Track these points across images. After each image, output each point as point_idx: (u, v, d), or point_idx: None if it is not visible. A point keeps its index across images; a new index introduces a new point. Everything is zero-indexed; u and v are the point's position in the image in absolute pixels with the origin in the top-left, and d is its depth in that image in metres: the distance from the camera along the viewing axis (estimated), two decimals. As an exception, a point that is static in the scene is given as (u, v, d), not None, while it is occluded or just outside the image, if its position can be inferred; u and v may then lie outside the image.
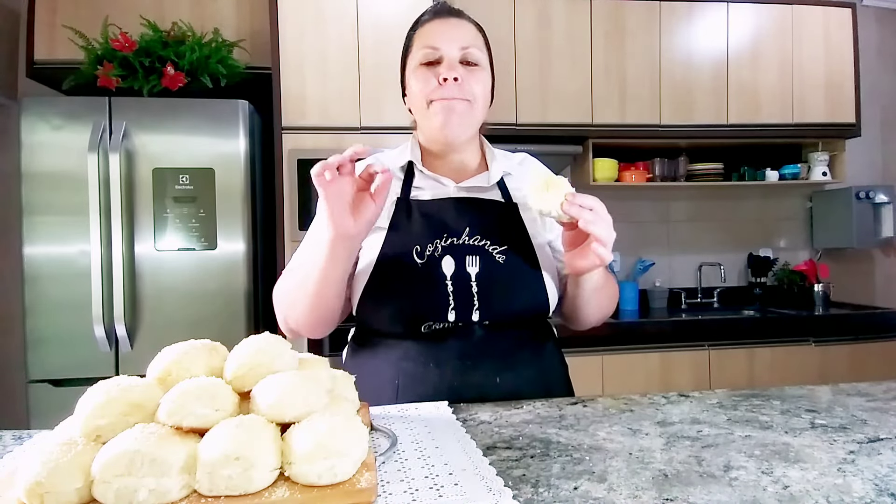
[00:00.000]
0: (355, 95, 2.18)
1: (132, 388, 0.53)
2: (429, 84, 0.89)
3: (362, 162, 0.76)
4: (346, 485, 0.48)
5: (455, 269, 0.88)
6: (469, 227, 0.91)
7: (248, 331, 2.05)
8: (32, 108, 1.94)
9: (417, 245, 0.89)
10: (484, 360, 0.88)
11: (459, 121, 0.90)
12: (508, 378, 0.89)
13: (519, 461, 0.59)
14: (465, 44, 0.90)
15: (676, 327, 2.46)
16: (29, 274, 1.93)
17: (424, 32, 0.92)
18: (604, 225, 0.77)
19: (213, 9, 2.30)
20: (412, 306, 0.88)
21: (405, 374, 0.89)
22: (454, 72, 0.88)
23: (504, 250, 0.91)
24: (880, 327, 2.55)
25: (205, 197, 2.02)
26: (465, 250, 0.89)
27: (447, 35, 0.90)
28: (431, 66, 0.90)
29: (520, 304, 0.90)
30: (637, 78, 2.60)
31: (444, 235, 0.90)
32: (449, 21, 0.92)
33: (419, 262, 0.88)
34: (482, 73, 0.92)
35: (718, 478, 0.55)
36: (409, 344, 0.90)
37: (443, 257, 0.88)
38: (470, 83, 0.89)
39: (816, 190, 3.08)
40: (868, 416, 0.74)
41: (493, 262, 0.90)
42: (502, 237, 0.91)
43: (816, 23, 2.73)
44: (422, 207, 0.92)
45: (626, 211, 2.98)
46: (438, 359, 0.88)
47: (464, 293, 0.88)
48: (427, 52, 0.90)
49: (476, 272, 0.88)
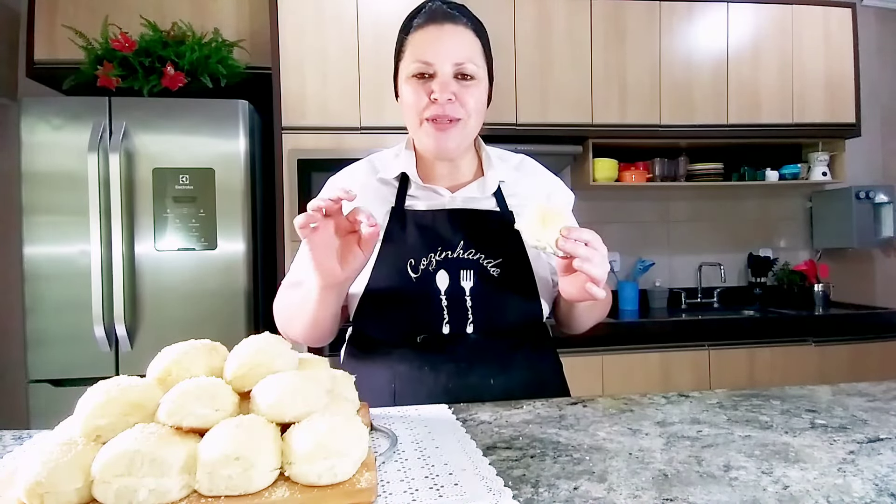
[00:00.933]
0: (355, 95, 2.18)
1: (132, 388, 0.53)
2: (420, 100, 0.86)
3: (349, 204, 0.73)
4: (346, 485, 0.48)
5: (449, 283, 0.88)
6: (463, 241, 0.90)
7: (248, 331, 2.05)
8: (32, 108, 1.94)
9: (412, 258, 0.88)
10: (478, 363, 0.89)
11: (451, 141, 0.87)
12: (502, 381, 0.89)
13: (519, 461, 0.59)
14: (459, 59, 0.85)
15: (676, 327, 2.46)
16: (29, 274, 1.93)
17: (418, 41, 0.87)
18: (598, 262, 0.74)
19: (213, 9, 2.30)
20: (407, 320, 0.88)
21: (401, 378, 0.89)
22: (447, 91, 0.84)
23: (498, 263, 0.90)
24: (880, 327, 2.55)
25: (205, 197, 2.02)
26: (459, 264, 0.89)
27: (441, 48, 0.85)
28: (423, 80, 0.86)
29: (514, 316, 0.91)
30: (637, 78, 2.59)
31: (439, 249, 0.89)
32: (444, 29, 0.86)
33: (413, 276, 0.88)
34: (477, 87, 0.88)
35: (718, 478, 0.55)
36: (404, 350, 0.90)
37: (437, 272, 0.88)
38: (464, 98, 0.86)
39: (816, 190, 3.08)
40: (868, 416, 0.74)
41: (488, 276, 0.89)
42: (497, 250, 0.90)
43: (816, 23, 2.73)
44: (416, 218, 0.91)
45: (626, 211, 2.98)
46: (433, 362, 0.89)
47: (458, 307, 0.88)
48: (419, 65, 0.86)
49: (470, 286, 0.88)
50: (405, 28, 0.91)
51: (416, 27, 0.88)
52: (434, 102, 0.85)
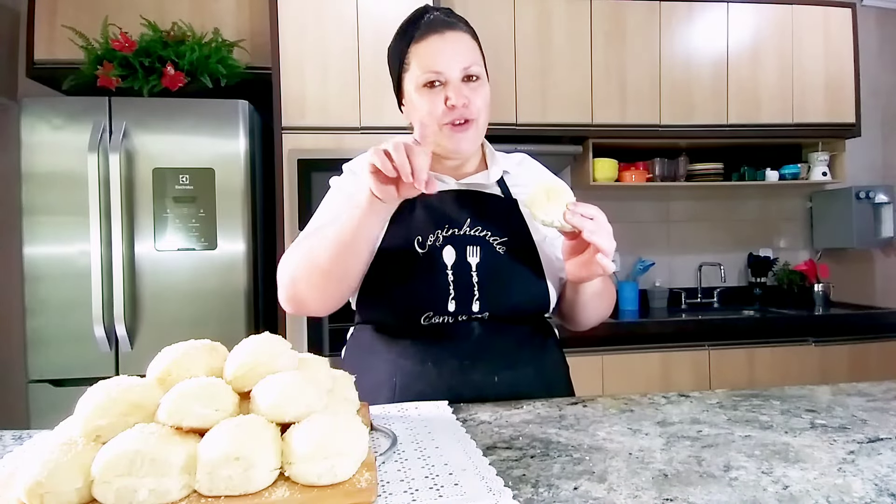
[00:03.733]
0: (355, 95, 2.18)
1: (132, 388, 0.53)
2: (437, 107, 0.89)
3: None
4: (346, 485, 0.48)
5: (456, 258, 0.90)
6: (470, 219, 0.92)
7: (248, 331, 2.05)
8: (32, 108, 1.94)
9: (419, 235, 0.90)
10: (482, 359, 0.89)
11: (469, 141, 0.92)
12: (507, 377, 0.89)
13: (519, 461, 0.60)
14: (466, 63, 0.89)
15: (676, 327, 2.46)
16: (29, 274, 1.93)
17: (423, 52, 0.90)
18: (605, 235, 0.77)
19: (213, 9, 2.30)
20: (412, 295, 0.89)
21: (403, 373, 0.89)
22: (461, 97, 0.88)
23: (504, 241, 0.92)
24: (880, 327, 2.55)
25: (205, 197, 2.02)
26: (466, 241, 0.91)
27: (447, 55, 0.89)
28: (434, 88, 0.90)
29: (519, 296, 0.91)
30: (637, 78, 2.59)
31: (446, 226, 0.91)
32: (445, 37, 0.90)
33: (420, 251, 0.89)
34: (483, 87, 0.92)
35: (718, 478, 0.55)
36: (407, 342, 0.90)
37: (444, 247, 0.90)
38: (474, 99, 0.90)
39: (816, 190, 3.08)
40: (868, 416, 0.74)
41: (494, 252, 0.91)
42: (503, 229, 0.93)
43: (816, 23, 2.73)
44: (423, 200, 0.93)
45: (626, 211, 2.98)
46: (436, 358, 0.89)
47: (464, 283, 0.89)
48: (430, 75, 0.89)
49: (477, 262, 0.90)
50: (405, 39, 0.93)
51: (418, 38, 0.91)
52: (451, 109, 0.89)
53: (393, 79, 0.98)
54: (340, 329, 0.98)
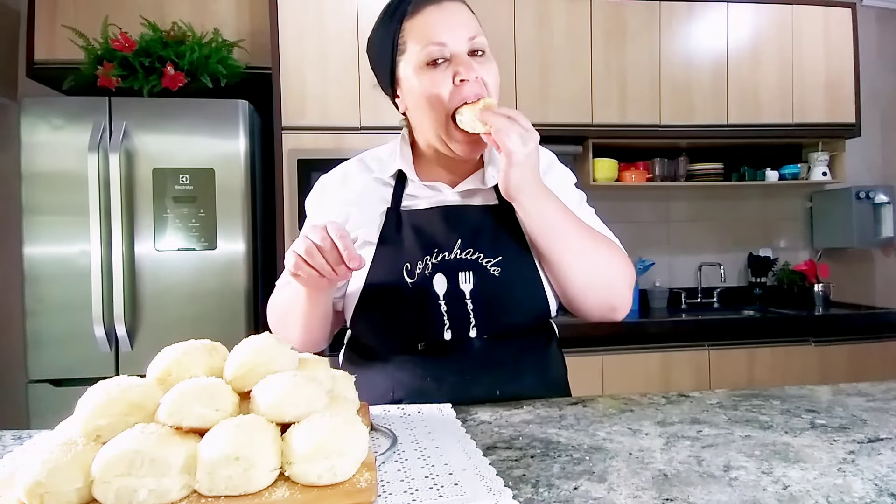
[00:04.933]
0: (355, 95, 2.18)
1: (132, 388, 0.53)
2: (444, 87, 0.78)
3: (334, 226, 0.69)
4: (346, 485, 0.48)
5: (448, 287, 0.83)
6: (461, 240, 0.84)
7: (248, 331, 2.05)
8: (32, 108, 1.94)
9: (407, 263, 0.83)
10: (484, 373, 0.85)
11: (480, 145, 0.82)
12: (510, 388, 0.86)
13: (519, 461, 0.59)
14: (472, 33, 0.79)
15: (676, 327, 2.46)
16: (29, 274, 1.93)
17: (421, 24, 0.79)
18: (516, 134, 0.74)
19: (213, 9, 2.30)
20: (405, 327, 0.85)
21: (402, 387, 0.86)
22: (472, 70, 0.78)
23: (499, 262, 0.84)
24: (880, 327, 2.55)
25: (205, 197, 2.02)
26: (457, 266, 0.83)
27: (450, 25, 0.78)
28: (438, 66, 0.79)
29: (518, 316, 0.87)
30: (637, 78, 2.59)
31: (435, 251, 0.83)
32: (444, 6, 0.79)
33: (409, 281, 0.83)
34: (491, 63, 0.82)
35: (718, 478, 0.55)
36: (404, 357, 0.87)
37: (434, 275, 0.83)
38: (485, 77, 0.80)
39: (816, 190, 3.08)
40: (868, 416, 0.74)
41: (488, 276, 0.84)
42: (497, 247, 0.85)
43: (816, 23, 2.73)
44: (411, 219, 0.86)
45: (625, 211, 2.97)
46: (436, 373, 0.85)
47: (459, 311, 0.83)
48: (432, 49, 0.78)
49: (470, 289, 0.83)
50: (397, 17, 0.82)
51: (413, 12, 0.80)
52: (461, 85, 0.78)
53: (383, 72, 0.86)
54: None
